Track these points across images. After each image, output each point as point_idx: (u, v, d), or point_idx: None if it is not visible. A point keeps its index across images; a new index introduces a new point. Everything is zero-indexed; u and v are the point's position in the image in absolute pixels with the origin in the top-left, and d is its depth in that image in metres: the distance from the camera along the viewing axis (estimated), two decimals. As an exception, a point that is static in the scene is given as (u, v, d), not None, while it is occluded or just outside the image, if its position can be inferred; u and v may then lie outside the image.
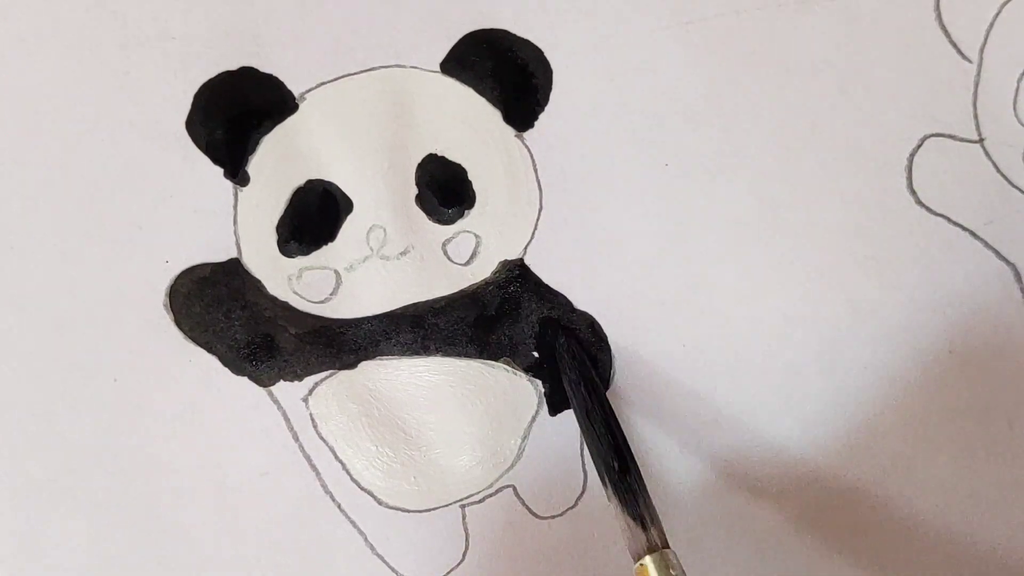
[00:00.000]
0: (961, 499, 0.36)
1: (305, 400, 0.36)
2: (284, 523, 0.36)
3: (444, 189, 0.35)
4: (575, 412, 0.34)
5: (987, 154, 0.36)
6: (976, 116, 0.36)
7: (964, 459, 0.36)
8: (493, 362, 0.36)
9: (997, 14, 0.36)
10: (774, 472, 0.36)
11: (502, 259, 0.36)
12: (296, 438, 0.36)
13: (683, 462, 0.36)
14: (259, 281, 0.35)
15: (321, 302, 0.36)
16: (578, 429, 0.36)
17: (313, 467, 0.36)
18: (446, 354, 0.36)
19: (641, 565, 0.30)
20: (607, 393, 0.36)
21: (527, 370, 0.36)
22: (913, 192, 0.36)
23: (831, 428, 0.36)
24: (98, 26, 0.35)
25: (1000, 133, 0.36)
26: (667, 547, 0.30)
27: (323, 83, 0.35)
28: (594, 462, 0.33)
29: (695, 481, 0.36)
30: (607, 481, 0.32)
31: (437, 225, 0.36)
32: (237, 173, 0.35)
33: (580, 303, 0.36)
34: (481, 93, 0.36)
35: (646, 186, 0.36)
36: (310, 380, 0.36)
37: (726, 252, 0.36)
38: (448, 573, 0.36)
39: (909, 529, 0.36)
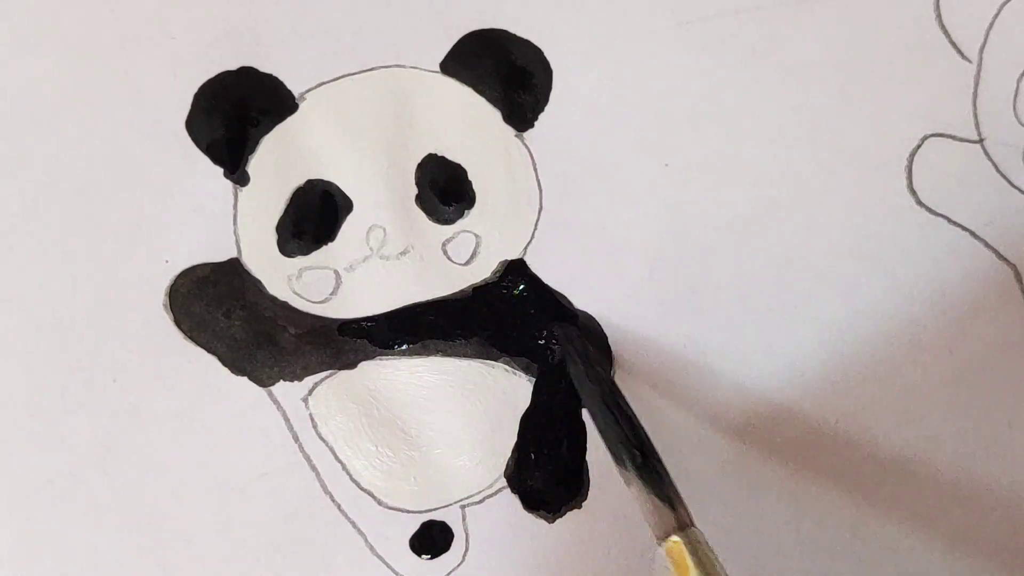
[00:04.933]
0: (961, 500, 0.36)
1: (305, 400, 0.36)
2: (284, 523, 0.36)
3: (444, 189, 0.35)
4: (586, 403, 0.34)
5: (987, 154, 0.36)
6: (976, 116, 0.36)
7: (964, 459, 0.36)
8: (493, 362, 0.36)
9: (997, 14, 0.36)
10: (775, 473, 0.36)
11: (502, 259, 0.36)
12: (296, 438, 0.36)
13: (683, 462, 0.36)
14: (259, 281, 0.35)
15: (321, 302, 0.36)
16: (577, 430, 0.36)
17: (313, 467, 0.36)
18: (446, 354, 0.36)
19: (674, 541, 0.30)
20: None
21: (527, 370, 0.36)
22: (913, 192, 0.36)
23: (831, 429, 0.36)
24: (98, 26, 0.35)
25: (1000, 133, 0.36)
26: (694, 525, 0.30)
27: (323, 83, 0.35)
28: (612, 449, 0.33)
29: (694, 482, 0.36)
30: (630, 467, 0.32)
31: (437, 225, 0.36)
32: (237, 172, 0.35)
33: (580, 303, 0.36)
34: (481, 93, 0.35)
35: (646, 186, 0.36)
36: (310, 380, 0.36)
37: (726, 252, 0.36)
38: (448, 574, 0.36)
39: (910, 530, 0.36)
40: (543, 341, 0.36)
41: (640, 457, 0.32)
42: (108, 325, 0.35)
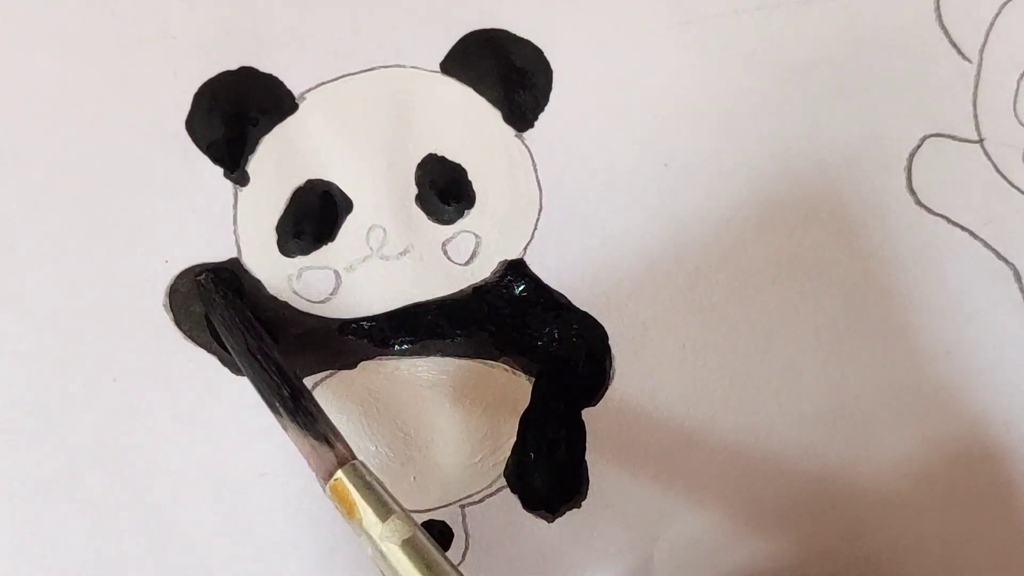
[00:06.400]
0: (961, 500, 0.36)
1: (305, 400, 0.36)
2: (284, 523, 0.36)
3: (444, 189, 0.35)
4: (232, 351, 0.33)
5: (987, 154, 0.36)
6: (976, 116, 0.36)
7: (963, 460, 0.36)
8: (493, 362, 0.36)
9: (997, 14, 0.36)
10: (774, 472, 0.36)
11: (502, 259, 0.36)
12: (296, 438, 0.36)
13: (682, 462, 0.36)
14: (259, 281, 0.35)
15: (321, 302, 0.36)
16: (577, 430, 0.36)
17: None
18: (446, 354, 0.36)
19: (336, 480, 0.30)
20: (606, 394, 0.36)
21: (527, 370, 0.36)
22: (913, 192, 0.36)
23: (830, 428, 0.36)
24: (98, 26, 0.35)
25: (1000, 133, 0.36)
26: (355, 458, 0.31)
27: (323, 83, 0.35)
28: (263, 398, 0.32)
29: (694, 481, 0.36)
30: (282, 410, 0.32)
31: (437, 225, 0.36)
32: (237, 172, 0.35)
33: (580, 303, 0.36)
34: (481, 93, 0.35)
35: (646, 186, 0.36)
36: (310, 380, 0.36)
37: (726, 252, 0.36)
38: (448, 573, 0.36)
39: (907, 530, 0.36)
40: (543, 341, 0.36)
41: (290, 399, 0.31)
42: (108, 325, 0.35)
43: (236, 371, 0.35)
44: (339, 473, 0.30)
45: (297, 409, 0.32)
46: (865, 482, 0.36)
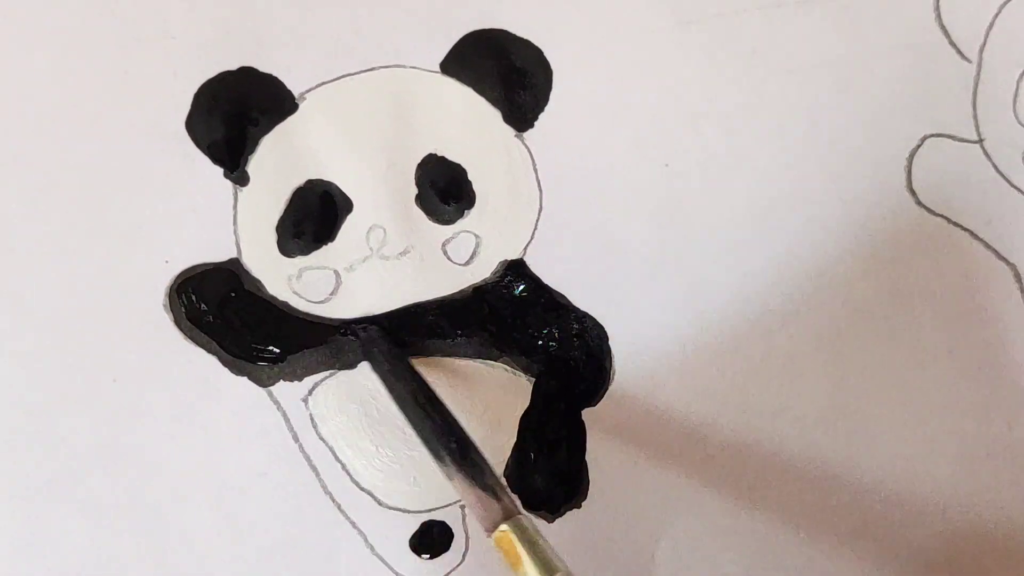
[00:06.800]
0: (961, 500, 0.36)
1: (305, 400, 0.36)
2: (284, 523, 0.36)
3: (444, 189, 0.35)
4: (397, 402, 0.34)
5: (987, 154, 0.36)
6: (976, 116, 0.36)
7: (964, 459, 0.36)
8: (493, 362, 0.36)
9: (997, 14, 0.36)
10: (774, 472, 0.36)
11: (502, 259, 0.36)
12: (296, 438, 0.36)
13: (683, 462, 0.36)
14: (259, 281, 0.35)
15: (321, 302, 0.36)
16: (577, 430, 0.36)
17: (313, 467, 0.36)
18: (446, 354, 0.36)
19: (502, 531, 0.30)
20: (606, 394, 0.36)
21: (527, 370, 0.36)
22: (913, 192, 0.36)
23: (831, 428, 0.36)
24: (98, 26, 0.35)
25: (1000, 133, 0.36)
26: (521, 512, 0.31)
27: (323, 83, 0.35)
28: (429, 447, 0.33)
29: (694, 481, 0.36)
30: (449, 461, 0.32)
31: (437, 225, 0.36)
32: (236, 172, 0.35)
33: (580, 303, 0.36)
34: (481, 93, 0.35)
35: (646, 186, 0.36)
36: (310, 380, 0.36)
37: (726, 252, 0.36)
38: (448, 573, 0.36)
39: (909, 529, 0.36)
40: (543, 341, 0.36)
41: (458, 451, 0.32)
42: (108, 325, 0.35)
43: (236, 371, 0.35)
44: (504, 526, 0.30)
45: (465, 460, 0.32)
46: (867, 482, 0.36)
